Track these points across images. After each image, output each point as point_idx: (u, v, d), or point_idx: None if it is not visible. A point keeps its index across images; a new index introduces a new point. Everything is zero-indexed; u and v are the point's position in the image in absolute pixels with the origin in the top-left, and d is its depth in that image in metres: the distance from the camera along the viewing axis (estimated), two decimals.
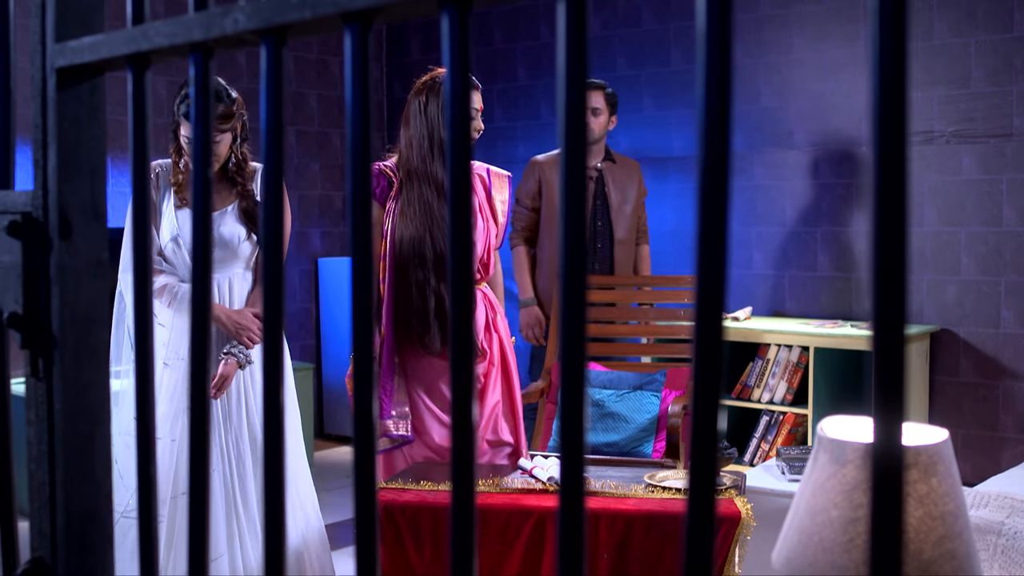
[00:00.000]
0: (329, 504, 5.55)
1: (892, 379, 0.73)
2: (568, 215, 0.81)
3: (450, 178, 0.82)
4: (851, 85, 5.54)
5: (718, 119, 0.76)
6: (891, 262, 0.77)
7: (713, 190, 0.80)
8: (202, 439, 0.98)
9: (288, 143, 6.91)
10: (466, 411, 0.82)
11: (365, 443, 0.86)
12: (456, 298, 0.81)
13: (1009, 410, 5.17)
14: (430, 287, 3.51)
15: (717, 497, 0.70)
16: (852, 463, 1.64)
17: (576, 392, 0.78)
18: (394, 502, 3.16)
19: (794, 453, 3.61)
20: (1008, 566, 2.14)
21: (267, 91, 0.93)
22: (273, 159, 0.92)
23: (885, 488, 0.72)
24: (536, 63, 6.77)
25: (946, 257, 5.31)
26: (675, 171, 6.21)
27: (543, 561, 3.07)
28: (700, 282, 0.74)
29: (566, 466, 0.77)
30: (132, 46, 1.00)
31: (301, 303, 7.06)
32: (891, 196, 0.75)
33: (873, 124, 0.73)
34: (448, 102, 0.83)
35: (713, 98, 0.77)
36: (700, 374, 0.75)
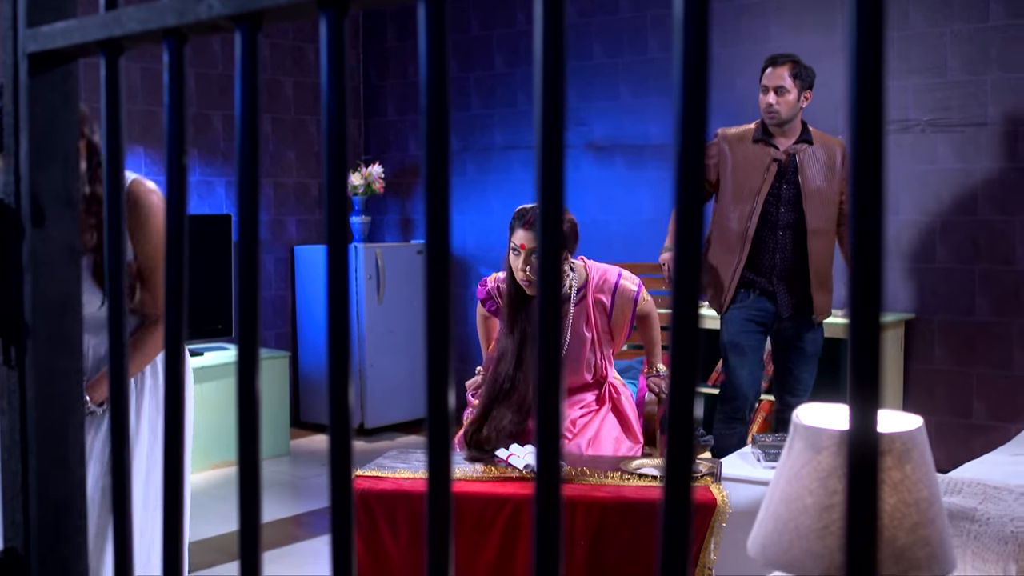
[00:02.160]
0: (305, 492, 5.54)
1: (868, 367, 0.73)
2: (545, 210, 0.80)
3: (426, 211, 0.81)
4: (828, 74, 5.55)
5: (695, 107, 0.76)
6: (868, 251, 0.77)
7: (689, 178, 0.80)
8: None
9: (264, 131, 6.88)
10: (441, 397, 0.82)
11: (340, 432, 0.85)
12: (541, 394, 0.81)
13: (982, 397, 5.21)
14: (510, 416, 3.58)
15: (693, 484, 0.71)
16: (827, 450, 1.65)
17: (552, 381, 0.78)
18: (370, 490, 3.16)
19: (769, 440, 3.63)
20: (981, 552, 2.15)
21: (242, 78, 0.92)
22: (248, 147, 0.91)
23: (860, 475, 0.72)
24: (513, 51, 6.76)
25: (921, 245, 5.34)
26: (652, 159, 6.21)
27: (519, 549, 3.07)
28: (677, 270, 0.74)
29: (542, 454, 0.77)
30: (105, 31, 0.99)
31: (277, 291, 7.04)
32: (868, 185, 0.75)
33: (850, 113, 0.73)
34: (424, 88, 0.83)
35: (690, 86, 0.77)
36: (677, 363, 0.75)
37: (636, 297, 3.79)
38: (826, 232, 4.42)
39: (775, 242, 4.42)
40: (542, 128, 0.78)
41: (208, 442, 5.82)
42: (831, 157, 4.42)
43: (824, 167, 4.41)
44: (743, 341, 4.53)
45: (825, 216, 4.40)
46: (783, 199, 4.39)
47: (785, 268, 4.43)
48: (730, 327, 4.54)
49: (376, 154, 7.41)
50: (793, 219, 4.39)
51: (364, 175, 6.88)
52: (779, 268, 4.43)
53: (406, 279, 6.87)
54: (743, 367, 4.54)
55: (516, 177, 6.79)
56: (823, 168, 4.40)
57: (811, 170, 4.38)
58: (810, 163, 4.39)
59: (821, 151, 4.42)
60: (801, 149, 4.40)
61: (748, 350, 4.53)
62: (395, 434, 6.81)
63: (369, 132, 7.52)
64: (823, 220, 4.39)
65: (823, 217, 4.39)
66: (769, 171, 4.37)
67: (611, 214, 6.22)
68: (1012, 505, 2.24)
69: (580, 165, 6.43)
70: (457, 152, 7.00)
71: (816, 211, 4.37)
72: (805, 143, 4.42)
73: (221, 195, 6.69)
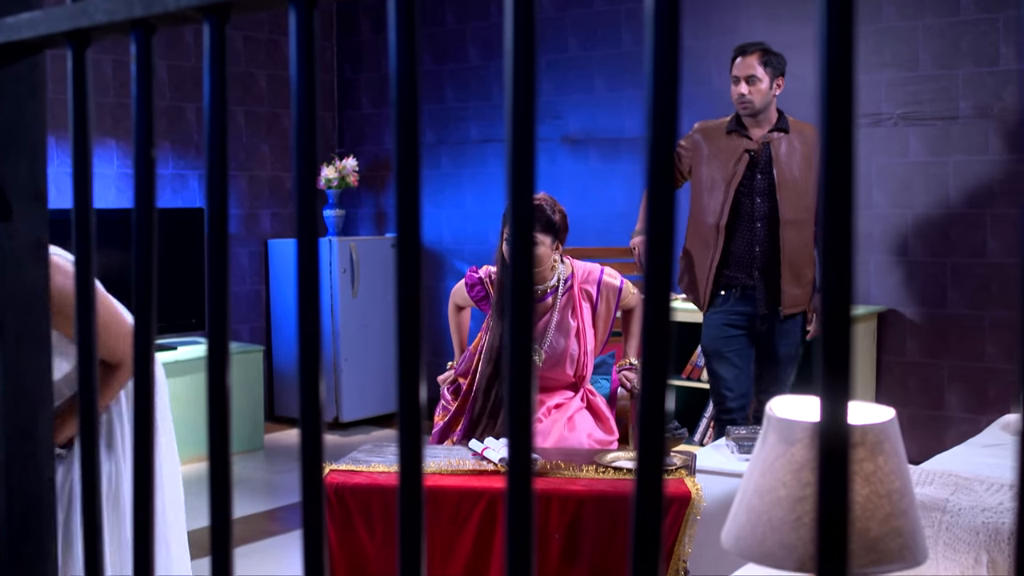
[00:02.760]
0: (279, 487, 5.53)
1: (838, 359, 0.74)
2: (516, 206, 0.80)
3: (397, 206, 0.81)
4: (802, 68, 5.57)
5: (666, 100, 0.76)
6: (838, 243, 0.77)
7: (660, 171, 0.79)
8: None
9: (237, 124, 6.84)
10: (413, 392, 0.81)
11: (312, 426, 0.85)
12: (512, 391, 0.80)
13: (954, 389, 5.24)
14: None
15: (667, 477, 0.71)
16: (800, 442, 1.65)
17: (523, 374, 0.77)
18: (344, 484, 3.15)
19: (744, 433, 3.64)
20: (953, 542, 2.17)
21: (210, 70, 0.91)
22: (217, 141, 0.91)
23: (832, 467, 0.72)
24: (487, 44, 6.75)
25: (893, 238, 5.37)
26: (627, 152, 6.22)
27: (495, 542, 3.07)
28: (648, 261, 0.74)
29: (513, 448, 0.77)
30: (72, 23, 0.98)
31: (251, 285, 7.01)
32: (838, 178, 0.76)
33: (821, 106, 0.73)
34: (394, 81, 0.82)
35: (661, 79, 0.77)
36: (649, 355, 0.75)
37: (620, 287, 3.97)
38: (801, 222, 4.30)
39: (752, 234, 4.32)
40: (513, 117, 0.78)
41: (182, 437, 5.78)
42: (809, 146, 4.32)
43: (801, 156, 4.31)
44: (723, 347, 4.42)
45: (800, 206, 4.29)
46: (757, 190, 4.30)
47: (764, 261, 4.33)
48: (709, 332, 4.46)
49: (350, 147, 7.39)
50: (768, 210, 4.30)
51: (338, 168, 6.86)
52: (758, 261, 4.34)
53: (380, 273, 6.85)
54: (727, 374, 4.44)
55: (491, 171, 6.79)
56: (800, 157, 4.31)
57: (786, 159, 4.29)
58: (785, 152, 4.30)
59: (798, 140, 4.33)
60: (775, 138, 4.32)
61: (730, 355, 4.43)
62: (370, 428, 6.80)
63: (343, 125, 7.49)
64: (798, 210, 4.29)
65: (798, 207, 4.29)
66: (740, 162, 4.30)
67: (586, 207, 6.22)
68: (983, 496, 2.25)
69: (556, 159, 6.43)
70: (432, 146, 6.99)
71: (790, 201, 4.27)
72: (780, 131, 4.34)
73: (194, 188, 6.65)
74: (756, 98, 4.27)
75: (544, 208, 3.80)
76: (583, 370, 3.90)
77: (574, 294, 3.88)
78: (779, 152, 4.30)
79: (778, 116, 4.37)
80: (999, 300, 5.10)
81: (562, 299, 3.87)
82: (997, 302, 5.11)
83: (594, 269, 3.95)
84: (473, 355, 3.92)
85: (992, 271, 5.12)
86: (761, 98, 4.28)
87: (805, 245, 4.33)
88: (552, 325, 3.85)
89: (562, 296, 3.87)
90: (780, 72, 4.34)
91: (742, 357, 4.46)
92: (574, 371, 3.88)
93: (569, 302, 3.86)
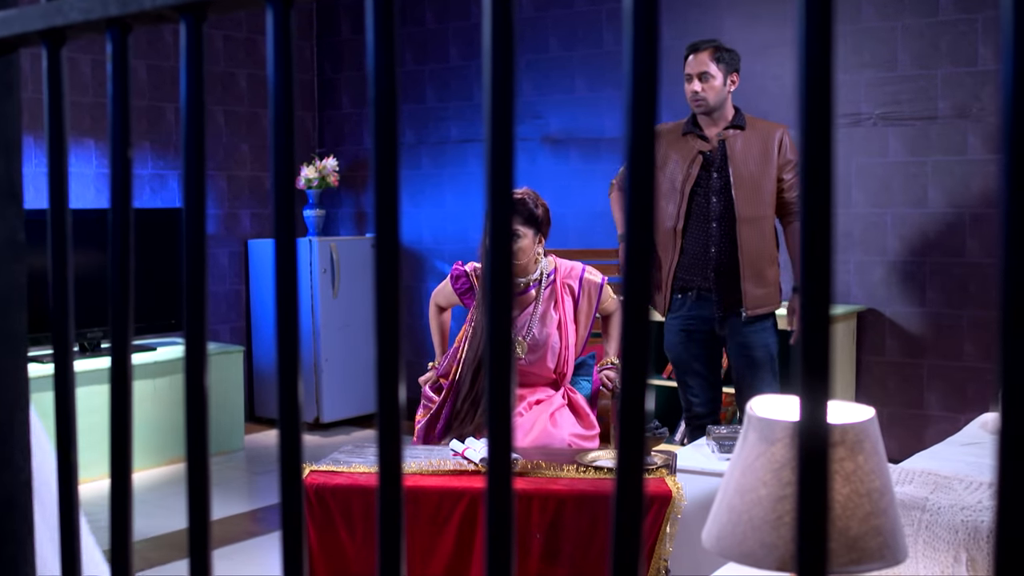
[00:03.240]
0: (260, 487, 5.51)
1: (817, 358, 0.74)
2: (495, 205, 0.79)
3: (376, 206, 0.80)
4: (780, 67, 5.59)
5: (645, 100, 0.76)
6: (818, 243, 0.77)
7: (640, 171, 0.79)
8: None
9: (217, 123, 6.82)
10: (391, 391, 0.81)
11: (291, 426, 0.84)
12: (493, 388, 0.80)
13: (933, 388, 5.26)
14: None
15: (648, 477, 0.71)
16: (781, 441, 1.66)
17: (503, 375, 0.77)
18: (325, 485, 3.14)
19: (724, 432, 3.64)
20: (932, 541, 2.17)
21: (187, 70, 0.91)
22: (194, 142, 0.90)
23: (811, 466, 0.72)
24: (468, 43, 6.75)
25: (873, 238, 5.39)
26: (607, 152, 6.22)
27: (475, 542, 3.07)
28: (627, 263, 0.74)
29: (493, 448, 0.77)
30: (46, 21, 0.97)
31: (231, 284, 6.99)
32: (818, 178, 0.76)
33: (800, 106, 0.73)
34: (372, 78, 0.82)
35: (640, 79, 0.76)
36: (628, 354, 0.75)
37: (601, 283, 4.00)
38: (759, 219, 4.20)
39: (707, 235, 4.22)
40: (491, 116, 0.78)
41: (163, 438, 5.77)
42: (765, 141, 4.21)
43: (757, 152, 4.20)
44: (683, 353, 4.35)
45: (757, 203, 4.19)
46: (713, 189, 4.21)
47: (721, 262, 4.22)
48: (668, 337, 4.38)
49: (331, 147, 7.37)
50: (725, 209, 4.20)
51: (319, 168, 6.84)
52: (715, 262, 4.22)
53: (361, 273, 6.84)
54: (690, 380, 4.39)
55: (471, 171, 6.78)
56: (756, 153, 4.20)
57: (742, 156, 4.19)
58: (741, 149, 4.20)
59: (754, 136, 4.22)
60: (730, 135, 4.22)
61: (691, 361, 4.36)
62: (351, 428, 6.78)
63: (324, 125, 7.47)
64: (755, 207, 4.19)
65: (755, 204, 4.18)
66: (695, 163, 4.21)
67: (567, 207, 6.23)
68: (962, 495, 2.26)
69: (536, 158, 6.43)
70: (412, 146, 6.98)
71: (747, 199, 4.17)
72: (736, 128, 4.24)
73: (174, 189, 6.62)
74: (710, 95, 4.19)
75: (527, 201, 3.85)
76: (564, 365, 3.92)
77: (557, 288, 3.93)
78: (734, 149, 4.21)
79: (735, 113, 4.28)
80: (977, 299, 5.13)
81: (545, 292, 3.92)
82: (975, 301, 5.14)
83: (576, 266, 4.02)
84: (456, 350, 3.94)
85: (971, 270, 5.14)
86: (715, 95, 4.19)
87: (765, 243, 4.23)
88: (535, 317, 3.90)
89: (545, 289, 3.92)
90: (734, 68, 4.26)
91: (705, 362, 4.37)
92: (555, 364, 3.91)
93: (552, 295, 3.92)
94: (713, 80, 4.18)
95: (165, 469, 5.76)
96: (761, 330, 4.28)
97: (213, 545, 0.94)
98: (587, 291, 3.98)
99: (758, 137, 4.22)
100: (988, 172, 5.08)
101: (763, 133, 4.23)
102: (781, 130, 4.24)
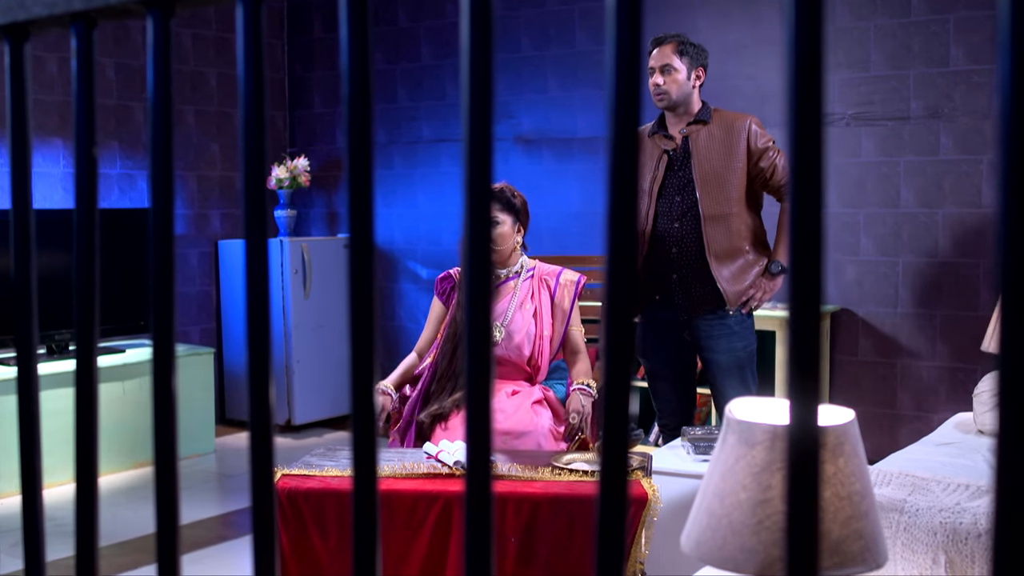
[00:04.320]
0: (232, 490, 5.46)
1: (806, 362, 0.72)
2: (472, 211, 0.77)
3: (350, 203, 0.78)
4: (753, 67, 5.59)
5: (626, 100, 0.74)
6: (806, 244, 0.76)
7: (623, 171, 0.77)
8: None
9: (186, 123, 6.75)
10: (367, 396, 0.79)
11: (262, 430, 0.82)
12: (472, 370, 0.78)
13: (906, 388, 5.27)
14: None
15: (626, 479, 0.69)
16: (761, 445, 1.64)
17: (482, 378, 0.75)
18: (297, 489, 3.11)
19: (699, 433, 3.63)
20: (911, 543, 2.16)
21: (153, 67, 0.88)
22: (161, 139, 0.87)
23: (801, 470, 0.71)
24: (441, 42, 6.71)
25: (846, 238, 5.39)
26: (580, 152, 6.20)
27: (450, 546, 3.04)
28: (609, 264, 0.72)
29: (472, 452, 0.75)
30: (8, 16, 0.94)
31: (201, 286, 6.92)
32: (807, 180, 0.74)
33: (789, 107, 0.71)
34: (346, 78, 0.80)
35: (622, 78, 0.75)
36: (610, 357, 0.73)
37: (579, 279, 4.06)
38: (726, 217, 4.05)
39: (671, 235, 4.09)
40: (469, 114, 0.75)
41: (132, 440, 5.71)
42: (730, 134, 4.06)
43: (722, 146, 4.05)
44: (650, 356, 4.27)
45: (722, 200, 4.04)
46: (678, 187, 4.09)
47: (683, 263, 4.10)
48: (638, 343, 4.27)
49: (302, 147, 7.32)
50: (688, 208, 4.07)
51: (289, 168, 6.79)
52: (677, 262, 4.10)
53: (333, 273, 6.79)
54: (657, 386, 4.32)
55: (444, 170, 6.74)
56: (719, 147, 4.05)
57: (705, 151, 4.05)
58: (704, 143, 4.06)
59: (718, 129, 4.07)
60: (694, 130, 4.08)
61: (659, 365, 4.28)
62: (323, 430, 6.73)
63: (295, 125, 7.42)
64: (720, 204, 4.04)
65: (720, 202, 4.04)
66: (660, 164, 4.12)
67: (540, 207, 6.19)
68: (940, 496, 2.25)
69: (509, 158, 6.40)
70: (384, 145, 6.93)
71: (711, 195, 4.03)
72: (699, 123, 4.09)
73: (143, 189, 6.55)
74: (672, 88, 4.05)
75: (504, 191, 3.98)
76: (539, 357, 3.94)
77: (534, 282, 4.02)
78: (698, 145, 4.07)
79: (700, 108, 4.14)
80: (950, 299, 5.14)
81: (523, 284, 4.01)
82: (948, 301, 5.15)
83: (556, 267, 4.12)
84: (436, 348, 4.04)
85: (943, 270, 5.16)
86: (678, 88, 4.06)
87: (733, 239, 4.08)
88: (512, 305, 3.96)
89: (523, 282, 4.01)
90: (700, 63, 4.11)
91: (673, 366, 4.28)
92: (531, 353, 3.93)
93: (530, 287, 4.01)
94: (676, 74, 4.06)
95: (134, 472, 5.69)
96: (739, 330, 4.16)
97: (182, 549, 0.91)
98: (564, 285, 4.02)
99: (723, 130, 4.08)
100: (960, 172, 5.09)
101: (728, 126, 4.09)
102: (748, 120, 4.09)
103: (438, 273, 6.83)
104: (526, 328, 3.94)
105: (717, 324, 4.12)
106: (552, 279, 4.03)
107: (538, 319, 3.97)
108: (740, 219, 4.09)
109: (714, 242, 4.05)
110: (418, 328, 6.83)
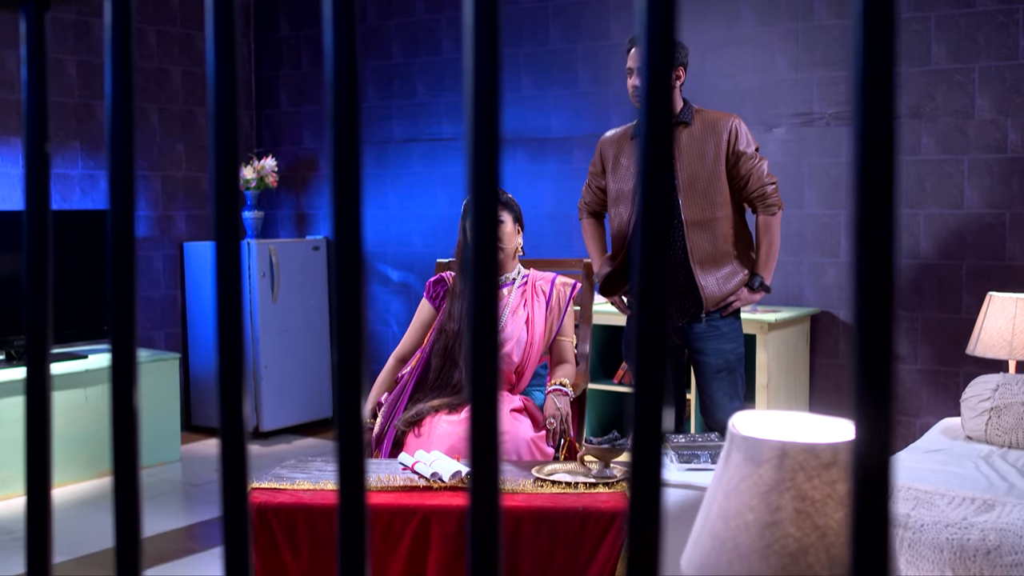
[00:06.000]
0: (198, 500, 5.31)
1: (878, 379, 0.69)
2: (479, 213, 0.70)
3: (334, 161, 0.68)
4: (732, 66, 5.51)
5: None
6: (876, 254, 0.70)
7: (654, 168, 0.73)
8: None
9: (151, 122, 6.59)
10: (354, 406, 0.71)
11: (234, 438, 0.76)
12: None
13: None
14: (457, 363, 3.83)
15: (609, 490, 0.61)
16: (769, 463, 1.53)
17: (489, 387, 0.70)
18: (268, 504, 2.98)
19: (682, 441, 3.53)
20: (915, 560, 2.07)
21: (113, 51, 0.77)
22: (121, 128, 0.76)
23: (871, 498, 0.67)
24: (411, 41, 6.59)
25: (826, 239, 5.32)
26: (554, 152, 6.10)
27: (428, 560, 2.92)
28: (641, 276, 0.63)
29: (476, 467, 0.71)
30: None
31: (166, 289, 6.76)
32: (877, 186, 0.70)
33: (856, 112, 0.65)
34: (330, 82, 0.72)
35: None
36: (642, 370, 0.69)
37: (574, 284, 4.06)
38: (711, 222, 3.92)
39: None
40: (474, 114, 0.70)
41: (95, 449, 5.55)
42: (709, 135, 3.92)
43: (704, 149, 3.92)
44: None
45: (706, 204, 3.91)
46: None
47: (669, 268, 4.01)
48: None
49: (269, 147, 7.18)
50: (673, 212, 3.91)
51: (256, 168, 6.65)
52: None
53: (301, 276, 6.66)
54: None
55: (415, 171, 6.62)
56: (702, 151, 3.92)
57: (687, 156, 3.92)
58: (686, 148, 3.93)
59: (702, 131, 3.93)
60: (675, 133, 3.90)
61: None
62: (292, 437, 6.59)
63: (262, 124, 7.27)
64: (703, 210, 3.91)
65: (702, 206, 3.91)
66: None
67: None
68: (945, 511, 2.16)
69: None
70: None
71: (694, 201, 3.90)
72: (682, 124, 3.95)
73: (105, 189, 6.38)
74: None
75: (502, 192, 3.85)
76: (525, 363, 3.88)
77: (528, 288, 4.00)
78: (679, 148, 3.93)
79: (682, 108, 3.99)
80: (932, 301, 5.08)
81: (518, 290, 3.99)
82: (930, 303, 5.09)
83: (549, 273, 4.13)
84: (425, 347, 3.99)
85: (923, 272, 5.09)
86: None
87: (719, 243, 3.96)
88: (506, 311, 3.94)
89: (518, 288, 3.99)
90: (680, 63, 3.95)
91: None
92: (520, 359, 3.88)
93: (524, 294, 3.99)
94: None
95: (97, 482, 5.53)
96: (728, 332, 4.04)
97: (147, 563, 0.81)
98: (558, 290, 4.00)
99: (706, 131, 3.94)
100: (942, 172, 5.03)
101: (711, 126, 3.94)
102: (731, 120, 3.94)
103: (408, 276, 6.74)
104: (518, 335, 3.89)
105: (706, 327, 4.02)
106: (546, 285, 4.02)
107: (530, 326, 3.93)
108: (727, 223, 3.96)
109: (697, 249, 3.93)
110: (388, 331, 6.71)
